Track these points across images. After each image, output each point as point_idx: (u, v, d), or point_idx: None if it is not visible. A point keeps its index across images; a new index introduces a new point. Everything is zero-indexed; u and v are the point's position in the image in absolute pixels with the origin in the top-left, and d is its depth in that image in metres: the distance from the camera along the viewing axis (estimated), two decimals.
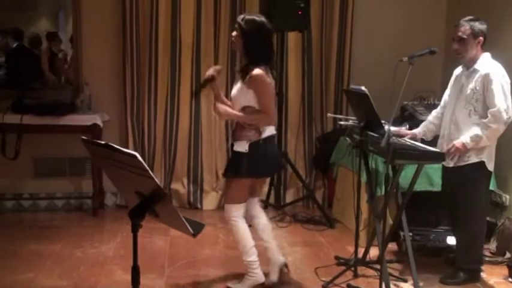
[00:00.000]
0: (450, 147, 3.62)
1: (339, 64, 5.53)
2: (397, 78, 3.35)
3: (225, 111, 3.53)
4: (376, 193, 4.04)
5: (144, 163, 1.81)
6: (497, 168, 4.26)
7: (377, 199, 3.97)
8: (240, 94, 3.48)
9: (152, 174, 1.82)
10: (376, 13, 5.59)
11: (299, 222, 5.09)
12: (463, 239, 3.78)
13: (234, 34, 3.50)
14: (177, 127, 5.40)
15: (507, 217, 4.33)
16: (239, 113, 3.48)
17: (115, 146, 1.88)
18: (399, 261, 4.11)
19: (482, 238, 3.84)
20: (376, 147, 3.44)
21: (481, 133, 3.54)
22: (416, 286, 3.59)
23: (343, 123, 4.04)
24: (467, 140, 3.57)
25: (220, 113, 3.55)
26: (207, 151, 5.46)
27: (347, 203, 4.68)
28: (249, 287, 3.59)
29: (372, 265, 3.87)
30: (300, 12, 4.78)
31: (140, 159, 1.79)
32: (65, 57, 5.65)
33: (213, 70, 3.56)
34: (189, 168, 5.46)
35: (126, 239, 4.42)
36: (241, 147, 3.44)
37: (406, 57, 3.43)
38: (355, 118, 3.97)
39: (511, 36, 4.52)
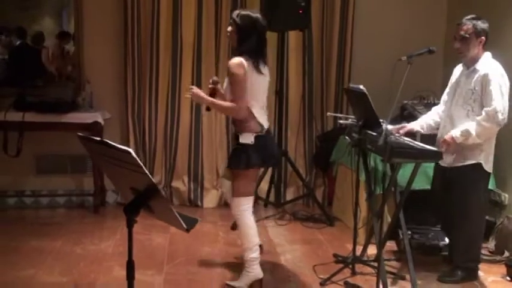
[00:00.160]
0: (441, 140, 3.65)
1: (339, 63, 5.53)
2: (397, 78, 3.35)
3: (198, 94, 3.55)
4: (374, 191, 4.05)
5: (138, 159, 1.84)
6: (497, 168, 4.26)
7: (375, 197, 3.99)
8: (227, 90, 3.54)
9: (146, 170, 1.85)
10: (377, 12, 5.60)
11: (299, 220, 5.11)
12: (462, 238, 3.79)
13: (229, 29, 3.53)
14: (178, 125, 5.41)
15: (506, 216, 4.33)
16: (211, 99, 3.54)
17: (110, 142, 1.91)
18: (398, 260, 4.12)
19: (480, 237, 3.85)
20: (374, 146, 3.45)
21: (472, 129, 3.53)
22: (414, 284, 3.59)
23: (342, 122, 4.05)
24: (457, 134, 3.58)
25: (193, 94, 3.56)
26: (207, 149, 5.48)
27: (347, 201, 4.68)
28: (248, 283, 3.60)
29: (370, 263, 3.88)
30: (300, 11, 4.78)
31: (134, 155, 1.81)
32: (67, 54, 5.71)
33: (211, 82, 3.65)
34: (190, 166, 5.47)
35: (125, 236, 4.33)
36: (247, 139, 3.47)
37: (404, 57, 3.43)
38: (354, 117, 3.98)
39: (511, 36, 4.52)
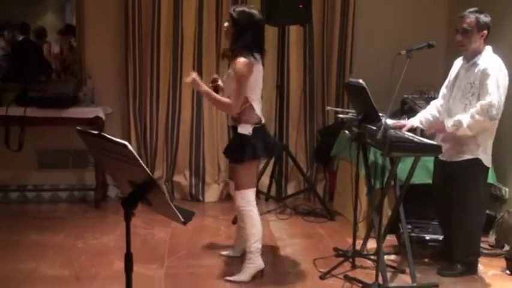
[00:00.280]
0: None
1: (340, 57, 5.53)
2: (397, 72, 3.34)
3: (197, 82, 3.57)
4: (374, 186, 4.06)
5: (134, 152, 1.85)
6: (497, 162, 4.27)
7: (376, 192, 3.99)
8: (227, 83, 3.58)
9: (142, 163, 1.86)
10: (378, 6, 5.59)
11: (300, 214, 5.12)
12: (462, 232, 3.78)
13: (226, 25, 3.57)
14: (179, 120, 5.43)
15: (506, 210, 4.33)
16: (209, 90, 3.60)
17: (106, 135, 1.92)
18: (397, 253, 4.13)
19: (480, 232, 3.85)
20: (373, 140, 3.45)
21: (464, 121, 3.52)
22: (413, 277, 3.60)
23: (342, 116, 4.05)
24: (450, 123, 3.59)
25: (193, 81, 3.58)
26: (208, 144, 5.49)
27: (347, 195, 4.67)
28: (251, 275, 3.62)
29: (370, 256, 3.89)
30: (301, 6, 4.78)
31: (130, 148, 1.83)
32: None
33: (211, 81, 3.72)
34: (191, 160, 5.49)
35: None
36: (246, 129, 3.52)
37: (404, 51, 3.43)
38: (354, 111, 3.99)
39: None
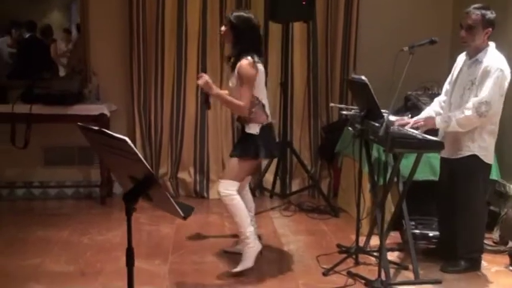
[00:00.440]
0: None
1: (344, 54, 5.52)
2: (400, 68, 3.34)
3: (208, 83, 3.62)
4: (378, 182, 4.06)
5: (134, 147, 1.87)
6: (501, 158, 4.26)
7: (379, 188, 4.00)
8: (233, 88, 3.67)
9: (142, 158, 1.88)
10: (382, 2, 5.57)
11: (304, 211, 5.13)
12: (465, 229, 3.76)
13: (223, 29, 3.67)
14: (184, 117, 5.45)
15: (511, 207, 4.32)
16: (220, 92, 3.72)
17: (107, 131, 1.94)
18: (401, 250, 4.13)
19: (483, 228, 3.84)
20: (376, 136, 3.45)
21: (454, 117, 3.53)
22: (416, 274, 3.61)
23: (345, 112, 4.05)
24: (439, 119, 3.61)
25: (204, 82, 3.62)
26: (213, 141, 5.51)
27: (351, 192, 4.69)
28: (253, 258, 3.71)
29: (373, 253, 3.90)
30: (304, 2, 4.78)
31: (130, 143, 1.85)
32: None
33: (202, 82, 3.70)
34: (196, 157, 5.51)
35: (132, 226, 4.48)
36: (253, 129, 3.65)
37: (406, 47, 3.42)
38: (357, 108, 3.99)
39: None
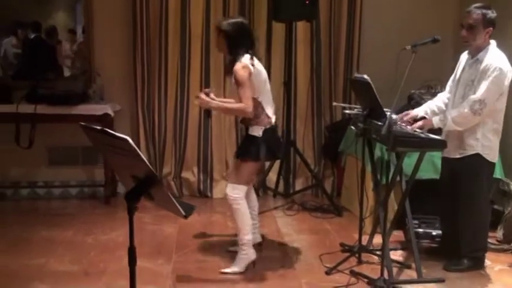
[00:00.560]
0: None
1: (347, 53, 5.52)
2: (404, 67, 3.33)
3: (205, 101, 3.71)
4: (381, 181, 4.06)
5: (135, 146, 1.88)
6: (505, 157, 4.25)
7: (382, 187, 3.99)
8: (234, 93, 3.69)
9: (143, 157, 1.89)
10: (385, 1, 5.57)
11: (307, 210, 5.14)
12: (468, 228, 3.76)
13: (216, 37, 3.71)
14: (187, 116, 5.46)
15: None
16: (218, 103, 3.78)
17: (109, 130, 1.95)
18: (404, 249, 4.13)
19: (486, 227, 3.83)
20: (378, 135, 3.45)
21: (449, 115, 3.55)
22: (419, 272, 3.61)
23: (348, 111, 4.06)
24: (437, 118, 3.63)
25: (201, 102, 3.73)
26: (216, 140, 5.52)
27: (355, 191, 4.67)
28: (245, 265, 3.74)
29: (376, 252, 3.90)
30: (307, 2, 4.79)
31: (131, 142, 1.86)
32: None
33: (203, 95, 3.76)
34: (199, 157, 5.53)
35: (136, 226, 4.45)
36: (256, 131, 3.67)
37: (409, 46, 3.42)
38: (360, 107, 3.99)
39: None
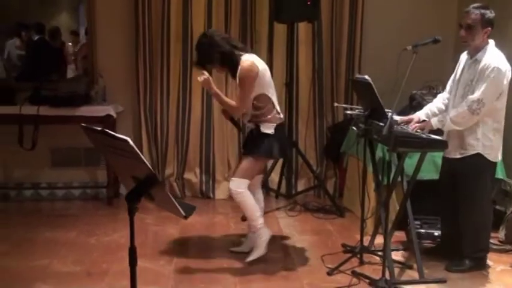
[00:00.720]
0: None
1: (349, 54, 5.52)
2: (405, 67, 3.34)
3: (208, 82, 3.67)
4: (382, 181, 4.06)
5: (136, 148, 1.89)
6: (507, 157, 4.24)
7: (383, 187, 4.00)
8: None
9: (143, 158, 1.90)
10: (387, 2, 5.57)
11: (309, 211, 5.14)
12: (470, 228, 3.76)
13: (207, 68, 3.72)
14: (189, 118, 5.47)
15: None
16: (218, 91, 3.75)
17: (109, 131, 1.96)
18: (406, 249, 4.13)
19: (488, 227, 3.82)
20: (379, 136, 3.46)
21: (448, 115, 3.56)
22: (421, 273, 3.62)
23: (349, 112, 4.07)
24: (436, 119, 3.65)
25: (204, 80, 3.67)
26: (219, 141, 5.53)
27: (357, 192, 4.65)
28: (264, 246, 3.88)
29: (378, 252, 3.90)
30: (309, 2, 4.79)
31: (131, 143, 1.87)
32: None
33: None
34: (202, 158, 5.54)
35: (138, 227, 4.46)
36: (269, 129, 3.71)
37: (410, 46, 3.43)
38: (361, 107, 3.99)
39: None
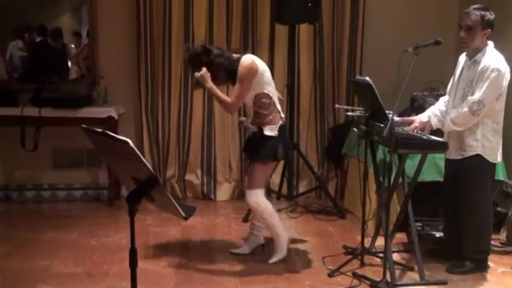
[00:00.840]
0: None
1: (350, 55, 5.52)
2: (406, 69, 3.34)
3: (205, 77, 3.62)
4: (383, 183, 4.06)
5: (136, 149, 1.90)
6: (508, 159, 4.25)
7: (385, 189, 3.99)
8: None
9: (144, 159, 1.90)
10: (388, 3, 5.59)
11: (311, 212, 5.15)
12: (470, 230, 3.75)
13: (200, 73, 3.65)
14: (191, 119, 5.47)
15: None
16: (213, 86, 3.66)
17: (109, 133, 1.97)
18: (407, 251, 4.13)
19: (489, 229, 3.82)
20: (380, 137, 3.47)
21: (448, 115, 3.57)
22: (422, 275, 3.61)
23: (350, 114, 4.08)
24: (436, 119, 3.66)
25: (202, 75, 3.62)
26: (220, 143, 5.53)
27: (358, 194, 4.66)
28: (285, 249, 3.93)
29: (379, 254, 3.89)
30: (310, 4, 4.79)
31: (132, 145, 1.87)
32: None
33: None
34: (203, 159, 5.54)
35: (139, 228, 4.48)
36: (272, 131, 3.66)
37: (411, 48, 3.43)
38: (362, 109, 4.00)
39: None
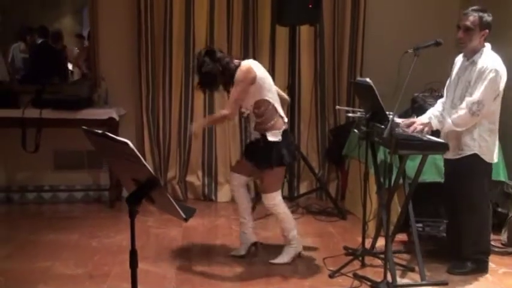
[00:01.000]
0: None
1: (351, 57, 5.53)
2: (406, 70, 3.34)
3: (197, 131, 3.84)
4: (384, 184, 4.06)
5: (136, 150, 1.90)
6: (509, 159, 4.25)
7: (385, 190, 3.99)
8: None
9: (144, 160, 1.91)
10: (388, 5, 5.59)
11: (311, 213, 5.15)
12: (469, 230, 3.75)
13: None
14: (192, 121, 5.44)
15: None
16: (204, 120, 3.96)
17: (110, 134, 1.97)
18: (408, 252, 4.13)
19: (487, 229, 3.82)
20: (381, 138, 3.47)
21: (448, 116, 3.59)
22: (423, 275, 3.61)
23: (351, 115, 4.07)
24: (436, 120, 3.68)
25: (196, 134, 3.83)
26: (221, 144, 5.54)
27: (358, 194, 4.68)
28: (292, 256, 3.87)
29: (379, 255, 3.89)
30: (310, 5, 4.80)
31: (131, 146, 1.88)
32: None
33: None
34: (204, 161, 5.55)
35: (139, 229, 4.51)
36: (276, 136, 3.65)
37: (411, 49, 3.43)
38: (363, 110, 4.00)
39: None
